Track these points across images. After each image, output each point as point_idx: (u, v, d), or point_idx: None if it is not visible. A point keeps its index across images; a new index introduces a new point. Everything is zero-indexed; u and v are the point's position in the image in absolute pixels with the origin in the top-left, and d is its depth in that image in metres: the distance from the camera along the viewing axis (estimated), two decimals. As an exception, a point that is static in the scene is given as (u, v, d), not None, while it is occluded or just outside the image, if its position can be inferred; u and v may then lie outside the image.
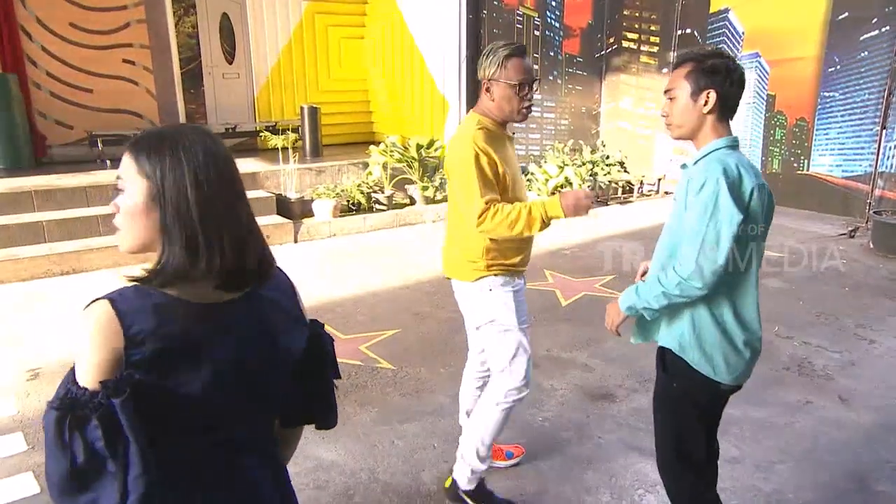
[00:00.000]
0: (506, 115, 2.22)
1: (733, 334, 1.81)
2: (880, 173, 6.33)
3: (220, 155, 1.05)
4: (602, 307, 4.56)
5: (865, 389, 3.42)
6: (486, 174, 2.16)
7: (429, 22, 8.67)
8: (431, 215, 7.41)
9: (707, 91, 1.78)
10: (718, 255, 1.68)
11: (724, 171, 1.69)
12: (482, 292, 2.31)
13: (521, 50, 2.19)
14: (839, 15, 6.56)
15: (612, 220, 7.40)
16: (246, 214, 1.09)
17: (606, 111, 9.54)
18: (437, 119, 8.95)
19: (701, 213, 1.69)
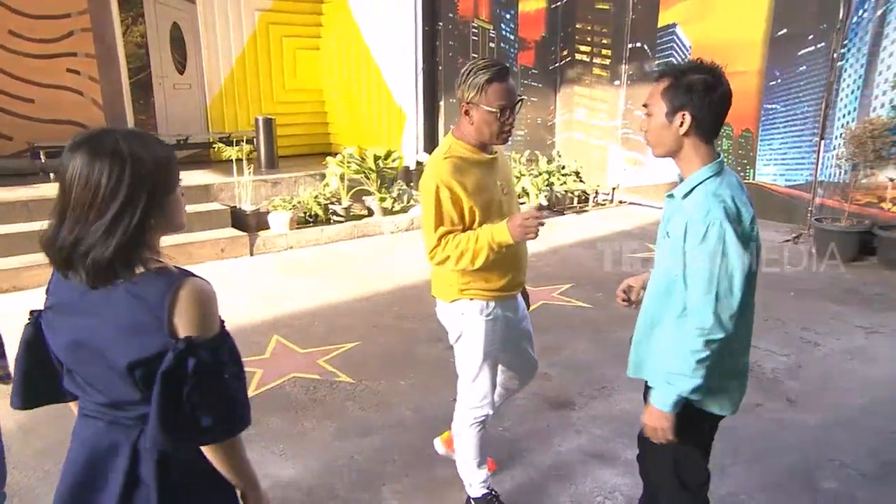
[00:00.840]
0: (485, 138, 2.15)
1: (731, 364, 1.76)
2: (820, 182, 6.62)
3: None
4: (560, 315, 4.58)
5: (811, 391, 3.55)
6: (444, 208, 2.11)
7: (385, 34, 8.69)
8: (390, 226, 7.39)
9: (682, 112, 1.66)
10: (734, 300, 1.61)
11: (725, 214, 1.60)
12: (456, 314, 2.30)
13: (504, 73, 2.09)
14: (778, 31, 6.85)
15: (568, 229, 7.51)
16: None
17: (561, 122, 9.71)
18: (394, 130, 8.96)
19: (711, 264, 1.60)
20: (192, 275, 1.26)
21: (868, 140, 5.71)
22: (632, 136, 8.82)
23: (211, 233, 6.27)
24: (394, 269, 5.74)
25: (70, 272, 1.22)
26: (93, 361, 1.25)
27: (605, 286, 5.31)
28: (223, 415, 1.24)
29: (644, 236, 7.12)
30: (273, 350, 4.09)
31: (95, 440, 1.31)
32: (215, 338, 1.23)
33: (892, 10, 5.84)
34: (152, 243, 1.26)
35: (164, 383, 1.18)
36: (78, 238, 1.19)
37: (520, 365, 2.56)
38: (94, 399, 1.30)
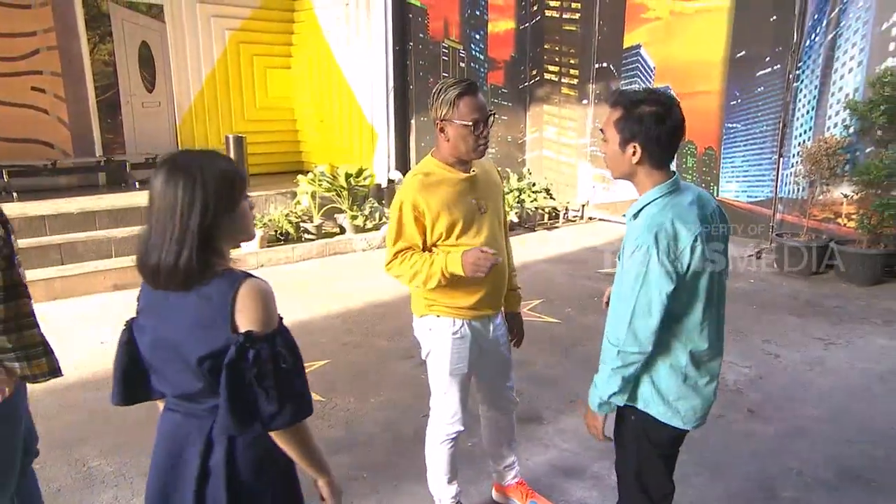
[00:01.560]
0: (462, 154, 2.18)
1: (693, 380, 1.79)
2: (780, 198, 6.85)
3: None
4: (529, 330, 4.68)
5: (772, 402, 3.66)
6: (404, 224, 2.15)
7: (356, 53, 8.77)
8: (362, 244, 7.40)
9: (633, 144, 1.71)
10: (651, 321, 1.67)
11: (655, 239, 1.64)
12: (424, 329, 2.33)
13: (473, 88, 2.14)
14: (737, 53, 7.11)
15: (539, 246, 7.62)
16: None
17: (531, 140, 9.87)
18: (365, 148, 9.01)
19: (632, 282, 1.67)
20: (252, 276, 1.40)
21: (823, 158, 5.94)
22: (600, 155, 8.97)
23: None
24: (365, 287, 5.76)
25: (154, 278, 1.38)
26: (169, 357, 1.41)
27: (575, 302, 5.40)
28: (284, 402, 1.35)
29: (613, 251, 7.25)
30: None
31: (174, 431, 1.47)
32: (273, 332, 1.36)
33: (842, 35, 6.12)
34: (222, 251, 1.41)
35: (229, 373, 1.32)
36: (160, 247, 1.35)
37: (491, 396, 2.54)
38: (172, 393, 1.46)
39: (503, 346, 2.49)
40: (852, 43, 6.05)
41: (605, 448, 3.08)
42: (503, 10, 9.24)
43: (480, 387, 2.54)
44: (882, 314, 5.05)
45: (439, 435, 2.41)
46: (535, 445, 3.17)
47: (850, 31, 6.05)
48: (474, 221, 2.23)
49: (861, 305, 5.28)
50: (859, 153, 6.05)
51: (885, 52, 5.81)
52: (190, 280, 1.35)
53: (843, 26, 6.10)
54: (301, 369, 1.41)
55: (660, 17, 7.98)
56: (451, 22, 8.92)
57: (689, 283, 1.70)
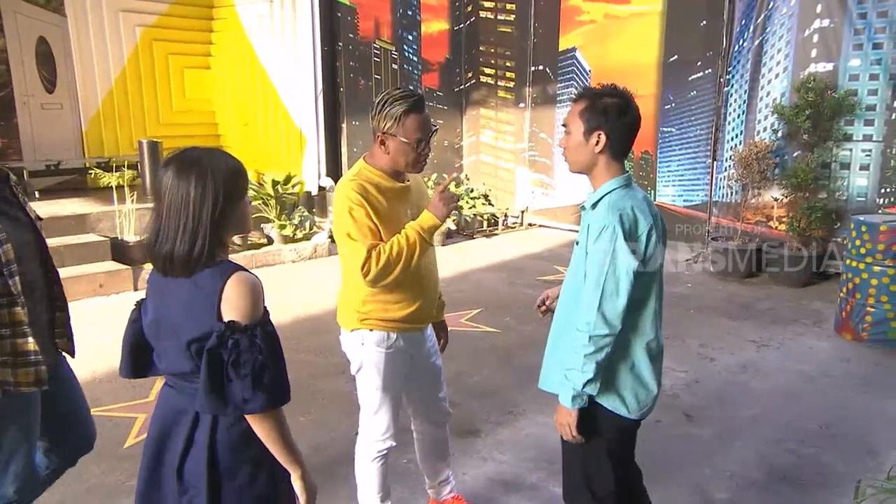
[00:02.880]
0: (400, 167, 2.21)
1: (641, 370, 1.93)
2: (714, 202, 7.22)
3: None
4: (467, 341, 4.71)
5: (706, 405, 3.86)
6: (362, 222, 2.14)
7: (281, 53, 8.68)
8: (291, 255, 7.32)
9: (598, 132, 1.87)
10: (618, 302, 1.81)
11: (620, 219, 1.81)
12: (356, 344, 2.33)
13: (420, 104, 2.16)
14: (670, 57, 7.48)
15: (478, 254, 7.73)
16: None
17: (468, 145, 10.02)
18: (293, 154, 8.91)
19: (600, 264, 1.81)
20: (242, 269, 1.56)
21: (754, 162, 6.31)
22: (538, 159, 9.24)
23: (87, 267, 5.98)
24: (294, 300, 5.70)
25: (166, 266, 1.54)
26: (166, 337, 1.59)
27: (514, 310, 5.52)
28: (257, 389, 1.49)
29: (553, 258, 7.45)
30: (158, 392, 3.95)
31: (170, 404, 1.66)
32: (254, 323, 1.51)
33: (768, 41, 6.55)
34: (225, 242, 1.60)
35: (209, 358, 1.47)
36: (174, 238, 1.51)
37: (425, 409, 2.58)
38: (168, 370, 1.65)
39: (434, 356, 2.53)
40: (778, 49, 6.47)
41: (544, 459, 3.19)
42: (436, 10, 9.37)
43: (412, 400, 2.57)
44: (812, 315, 5.41)
45: (370, 452, 2.43)
46: (471, 459, 3.23)
47: (776, 38, 6.48)
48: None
49: (792, 307, 5.64)
50: (787, 157, 6.47)
51: (807, 58, 6.25)
52: (197, 267, 1.53)
53: (768, 32, 6.53)
54: (279, 361, 1.56)
55: (594, 20, 8.29)
56: (383, 22, 8.98)
57: (647, 268, 1.86)
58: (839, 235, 6.16)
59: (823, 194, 6.26)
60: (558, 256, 7.59)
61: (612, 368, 1.91)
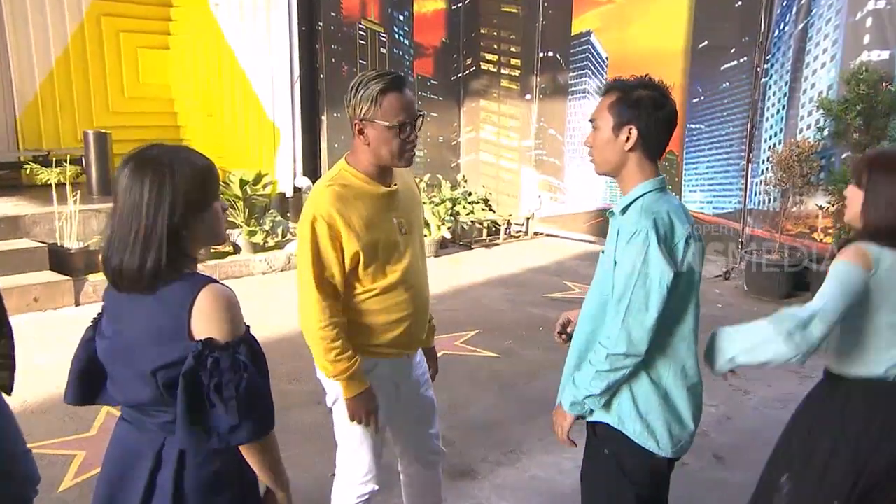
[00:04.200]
0: (384, 160, 2.18)
1: (676, 401, 1.93)
2: (749, 210, 7.22)
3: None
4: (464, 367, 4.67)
5: (740, 445, 3.81)
6: (321, 247, 2.11)
7: (252, 33, 8.68)
8: (262, 266, 7.28)
9: (629, 126, 1.89)
10: (647, 318, 1.81)
11: (654, 223, 1.82)
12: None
13: (400, 82, 2.15)
14: (700, 43, 7.51)
15: (476, 266, 7.71)
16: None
17: (466, 141, 10.03)
18: (265, 149, 8.89)
19: (629, 272, 1.82)
20: (214, 280, 1.56)
21: (795, 164, 6.32)
22: (546, 159, 9.25)
23: (20, 277, 5.91)
24: (265, 319, 5.64)
25: (117, 281, 1.54)
26: (124, 363, 1.57)
27: (517, 332, 5.48)
28: (244, 415, 1.49)
29: (563, 272, 7.42)
30: (102, 425, 3.89)
31: (125, 443, 1.64)
32: (235, 340, 1.51)
33: (813, 25, 6.57)
34: (191, 253, 1.58)
35: (186, 384, 1.45)
36: (124, 249, 1.50)
37: (413, 447, 2.54)
38: (125, 402, 1.62)
39: (424, 386, 2.49)
40: (824, 34, 6.49)
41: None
42: (432, -14, 9.42)
43: (399, 437, 2.53)
44: (862, 341, 5.37)
45: (348, 497, 2.38)
46: (467, 506, 3.19)
47: (822, 21, 6.50)
48: (397, 244, 2.25)
49: (839, 332, 5.60)
50: (835, 159, 6.47)
51: (859, 45, 6.26)
52: (155, 282, 1.51)
53: (814, 15, 6.55)
54: (266, 381, 1.58)
55: (612, 0, 8.33)
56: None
57: (681, 284, 1.85)
58: (893, 250, 6.14)
59: (876, 202, 6.24)
60: (568, 270, 7.56)
61: (640, 396, 1.91)
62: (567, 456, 3.59)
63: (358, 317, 2.24)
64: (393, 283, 2.24)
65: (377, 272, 2.21)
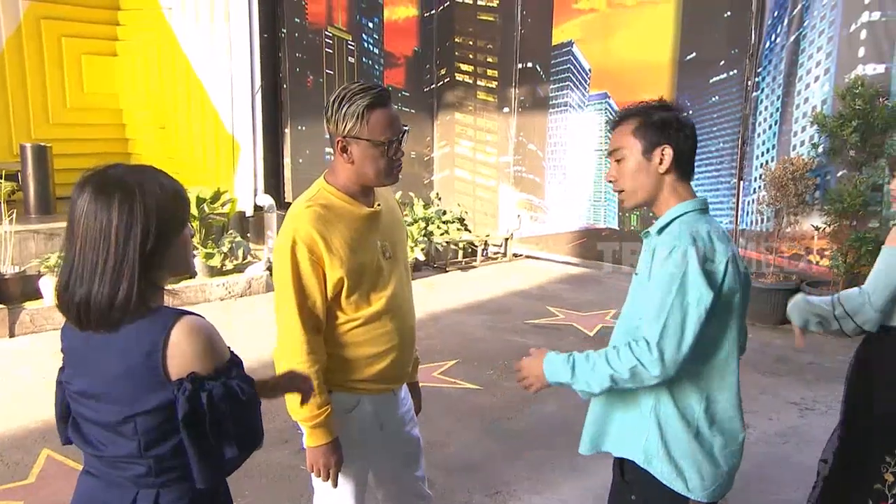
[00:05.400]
0: (369, 180, 2.17)
1: (707, 438, 1.89)
2: (741, 231, 7.31)
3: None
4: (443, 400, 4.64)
5: (742, 484, 3.77)
6: (302, 272, 2.08)
7: (209, 39, 8.63)
8: (220, 291, 7.17)
9: (662, 147, 1.90)
10: (683, 342, 1.78)
11: (693, 241, 1.82)
12: None
13: (385, 97, 2.14)
14: (687, 55, 7.63)
15: (452, 291, 7.67)
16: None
17: (440, 156, 10.04)
18: (224, 165, 8.82)
19: (665, 290, 1.80)
20: (187, 313, 1.52)
21: (789, 182, 6.41)
22: (525, 176, 9.29)
23: (-48, 305, 5.77)
24: (221, 350, 5.56)
25: (81, 319, 1.48)
26: (92, 414, 1.52)
27: (499, 362, 5.45)
28: (244, 442, 1.51)
29: (545, 297, 7.42)
30: (42, 471, 3.78)
31: (91, 499, 1.59)
32: (222, 367, 1.51)
33: (806, 37, 6.71)
34: (159, 284, 1.55)
35: (189, 432, 1.44)
36: (90, 281, 1.45)
37: (398, 492, 2.50)
38: (93, 452, 1.56)
39: (410, 424, 2.45)
40: (818, 46, 6.63)
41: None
42: (403, -8, 9.47)
43: (382, 481, 2.48)
44: (863, 370, 5.44)
45: None
46: (451, 555, 3.12)
47: (815, 33, 6.65)
48: (381, 270, 2.22)
49: (840, 361, 5.65)
50: (830, 177, 6.59)
51: (854, 58, 6.41)
52: (121, 319, 1.47)
53: (806, 26, 6.70)
54: (257, 401, 1.60)
55: (595, 9, 8.44)
56: (337, 5, 9.02)
57: (719, 307, 1.84)
58: None
59: (875, 223, 6.36)
60: (551, 295, 7.56)
61: (669, 431, 1.88)
62: (558, 497, 3.57)
63: (339, 349, 2.19)
64: (378, 312, 2.20)
65: (361, 300, 2.17)
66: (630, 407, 1.94)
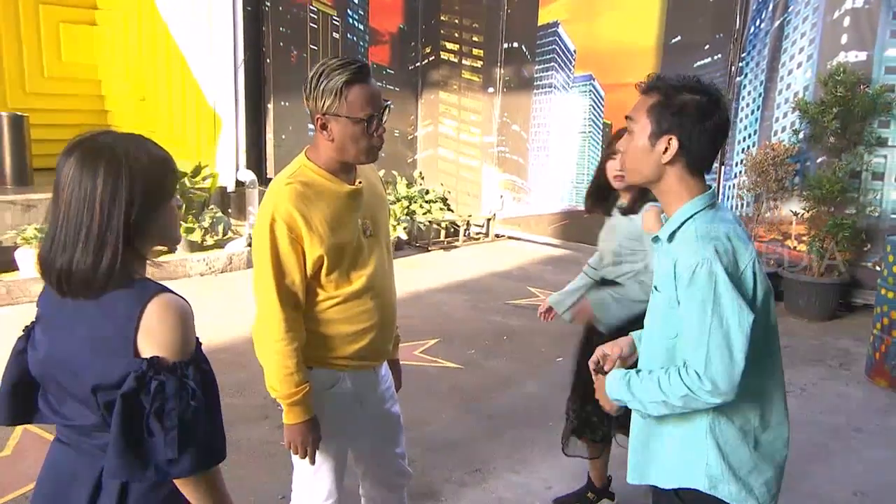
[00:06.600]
0: (350, 157, 2.14)
1: (765, 445, 1.80)
2: (722, 215, 7.37)
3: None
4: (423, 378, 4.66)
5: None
6: (281, 251, 2.07)
7: (192, 12, 8.51)
8: (200, 266, 7.13)
9: (668, 137, 1.75)
10: (734, 367, 1.65)
11: (716, 252, 1.67)
12: None
13: (365, 72, 2.09)
14: (672, 38, 7.63)
15: (434, 270, 7.68)
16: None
17: (424, 136, 10.01)
18: (205, 139, 8.73)
19: (699, 314, 1.67)
20: (167, 290, 1.50)
21: (770, 168, 6.46)
22: (509, 157, 9.29)
23: (-73, 276, 5.68)
24: (204, 325, 5.49)
25: (62, 284, 1.46)
26: (60, 380, 1.51)
27: (480, 342, 5.47)
28: (185, 446, 1.43)
29: (527, 278, 7.45)
30: (18, 444, 3.74)
31: (61, 467, 1.59)
32: (184, 361, 1.46)
33: (790, 23, 6.73)
34: (144, 253, 1.54)
35: (124, 407, 1.40)
36: (72, 247, 1.43)
37: (377, 469, 2.51)
38: (62, 422, 1.55)
39: (390, 401, 2.46)
40: (801, 32, 6.66)
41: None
42: (389, -32, 9.38)
43: (362, 457, 2.48)
44: (838, 355, 5.53)
45: None
46: (430, 531, 3.15)
47: (799, 19, 6.67)
48: (362, 248, 2.21)
49: (814, 345, 5.75)
50: (810, 163, 6.64)
51: (837, 45, 6.44)
52: (103, 287, 1.46)
53: (791, 12, 6.72)
54: (215, 409, 1.52)
55: (582, -10, 8.41)
56: (322, -21, 8.91)
57: (759, 314, 1.71)
58: (870, 259, 6.34)
59: (852, 209, 6.44)
60: (532, 276, 7.60)
61: (730, 452, 1.78)
62: (537, 476, 3.60)
63: (319, 327, 2.19)
64: (358, 291, 2.20)
65: (341, 278, 2.17)
66: (681, 432, 1.81)
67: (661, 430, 1.86)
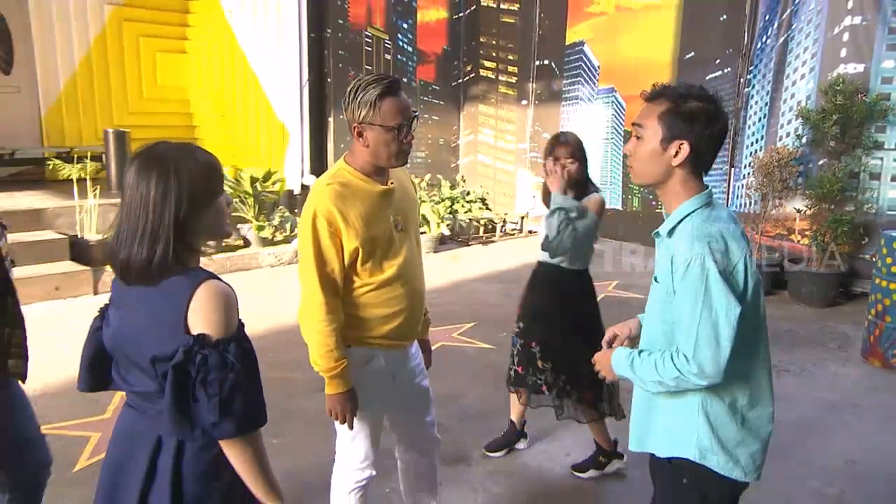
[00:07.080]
0: (382, 161, 2.17)
1: (752, 421, 1.78)
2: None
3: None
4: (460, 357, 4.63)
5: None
6: (322, 244, 2.09)
7: (264, 39, 8.63)
8: (270, 259, 7.24)
9: (680, 142, 1.70)
10: (720, 354, 1.63)
11: (709, 249, 1.64)
12: None
13: (396, 86, 2.13)
14: (686, 54, 7.47)
15: (472, 262, 7.67)
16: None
17: (465, 143, 9.99)
18: (275, 149, 8.85)
19: (691, 305, 1.65)
20: (214, 277, 1.54)
21: (775, 169, 6.29)
22: (541, 161, 9.19)
23: (42, 267, 5.89)
24: (272, 309, 5.61)
25: (125, 274, 1.53)
26: (127, 353, 1.57)
27: (511, 325, 5.44)
28: (225, 412, 1.47)
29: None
30: (117, 408, 3.85)
31: (129, 428, 1.63)
32: (227, 338, 1.49)
33: (794, 38, 6.53)
34: (195, 247, 1.57)
35: (174, 376, 1.45)
36: (132, 242, 1.49)
37: (409, 436, 2.53)
38: (129, 389, 1.61)
39: (420, 376, 2.47)
40: (804, 47, 6.46)
41: (542, 493, 3.12)
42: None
43: (395, 425, 2.51)
44: (836, 338, 5.36)
45: (347, 483, 2.36)
46: (461, 490, 3.16)
47: (802, 35, 6.47)
48: (393, 241, 2.24)
49: (815, 329, 5.59)
50: (812, 165, 6.45)
51: (837, 58, 6.23)
52: (159, 276, 1.50)
53: (794, 29, 6.51)
54: (254, 381, 1.55)
55: (605, 12, 8.28)
56: (376, 8, 8.94)
57: (749, 305, 1.69)
58: (867, 252, 6.13)
59: (851, 206, 6.23)
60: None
61: (720, 426, 1.76)
62: (557, 444, 3.58)
63: (356, 310, 2.21)
64: (389, 278, 2.22)
65: (374, 267, 2.19)
66: (675, 407, 1.79)
67: (658, 405, 1.85)
